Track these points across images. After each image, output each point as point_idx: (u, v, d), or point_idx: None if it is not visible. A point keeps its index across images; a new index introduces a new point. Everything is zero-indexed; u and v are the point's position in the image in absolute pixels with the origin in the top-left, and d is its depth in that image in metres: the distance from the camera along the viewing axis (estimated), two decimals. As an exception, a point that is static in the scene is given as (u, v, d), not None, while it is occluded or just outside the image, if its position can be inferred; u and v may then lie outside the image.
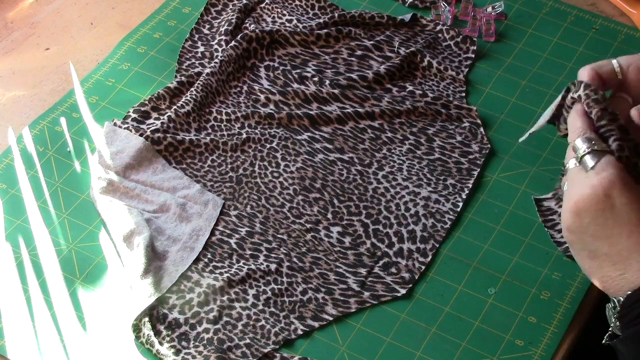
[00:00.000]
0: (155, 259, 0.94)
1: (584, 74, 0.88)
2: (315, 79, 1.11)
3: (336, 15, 1.19)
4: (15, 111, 1.11)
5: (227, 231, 0.98)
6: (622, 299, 0.78)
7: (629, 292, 0.78)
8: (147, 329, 0.89)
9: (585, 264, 0.82)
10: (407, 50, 1.14)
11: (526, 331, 0.91)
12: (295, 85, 1.11)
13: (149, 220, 0.97)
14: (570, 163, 0.83)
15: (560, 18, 1.21)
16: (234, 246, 0.96)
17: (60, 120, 1.09)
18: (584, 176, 0.81)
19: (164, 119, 1.06)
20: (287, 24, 1.19)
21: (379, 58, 1.15)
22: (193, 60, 1.15)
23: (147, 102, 1.09)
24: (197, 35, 1.18)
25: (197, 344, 0.89)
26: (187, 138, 1.05)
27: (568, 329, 0.91)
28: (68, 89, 1.13)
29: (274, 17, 1.20)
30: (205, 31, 1.19)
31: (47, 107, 1.11)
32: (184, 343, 0.89)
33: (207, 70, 1.11)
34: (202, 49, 1.17)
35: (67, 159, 1.05)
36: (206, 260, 0.95)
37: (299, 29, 1.17)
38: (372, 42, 1.16)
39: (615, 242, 0.79)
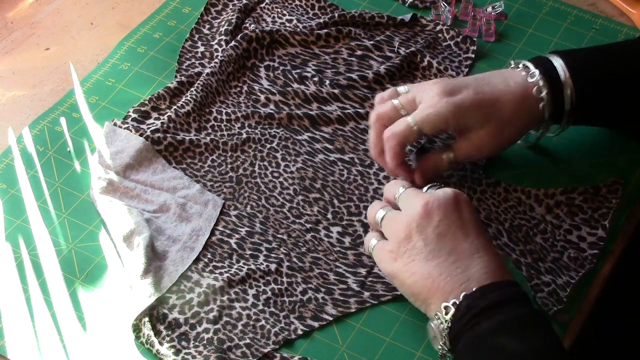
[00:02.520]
0: (155, 259, 0.94)
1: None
2: (315, 79, 1.11)
3: (336, 15, 1.19)
4: (15, 111, 1.11)
5: (227, 231, 0.98)
6: (457, 301, 0.80)
7: (474, 289, 0.80)
8: (147, 329, 0.89)
9: (417, 268, 0.83)
10: (407, 50, 1.14)
11: (526, 331, 0.91)
12: (295, 85, 1.11)
13: (149, 220, 0.97)
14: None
15: (560, 18, 1.21)
16: (234, 246, 0.96)
17: (60, 120, 1.09)
18: (427, 193, 0.87)
19: (164, 119, 1.06)
20: (287, 24, 1.19)
21: (379, 58, 1.15)
22: (193, 60, 1.15)
23: (147, 102, 1.09)
24: (197, 35, 1.18)
25: (197, 344, 0.89)
26: (187, 138, 1.05)
27: (567, 329, 0.91)
28: (68, 89, 1.13)
29: (274, 17, 1.20)
30: (205, 31, 1.19)
31: (47, 107, 1.11)
32: (184, 343, 0.89)
33: (207, 70, 1.11)
34: (202, 49, 1.17)
35: (67, 159, 1.05)
36: (206, 260, 0.95)
37: (299, 29, 1.17)
38: (372, 42, 1.16)
39: (461, 241, 0.83)
